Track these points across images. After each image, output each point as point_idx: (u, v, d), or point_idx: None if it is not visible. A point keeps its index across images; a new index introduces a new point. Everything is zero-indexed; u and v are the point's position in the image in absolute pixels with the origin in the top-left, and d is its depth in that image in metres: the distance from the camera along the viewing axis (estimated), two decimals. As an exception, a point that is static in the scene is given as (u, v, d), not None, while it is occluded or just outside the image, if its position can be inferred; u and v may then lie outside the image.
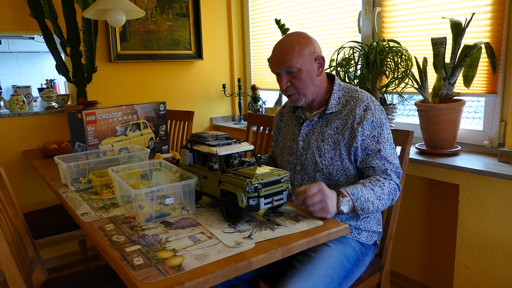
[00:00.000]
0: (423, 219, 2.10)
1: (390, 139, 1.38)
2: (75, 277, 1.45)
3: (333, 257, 1.30)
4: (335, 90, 1.41)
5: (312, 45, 1.37)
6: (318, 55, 1.38)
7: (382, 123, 1.36)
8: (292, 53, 1.34)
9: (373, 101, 1.38)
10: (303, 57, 1.34)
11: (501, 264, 1.64)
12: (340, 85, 1.44)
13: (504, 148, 1.65)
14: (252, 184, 1.06)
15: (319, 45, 1.41)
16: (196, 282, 0.85)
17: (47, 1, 2.24)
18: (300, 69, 1.35)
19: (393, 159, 1.35)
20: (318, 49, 1.39)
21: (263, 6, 2.99)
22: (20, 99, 2.47)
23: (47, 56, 4.84)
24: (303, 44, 1.35)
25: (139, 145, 1.84)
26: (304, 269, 1.25)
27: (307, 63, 1.35)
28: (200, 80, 3.11)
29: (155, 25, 2.80)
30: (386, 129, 1.36)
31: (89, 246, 2.58)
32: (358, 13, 2.25)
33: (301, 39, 1.36)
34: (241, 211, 1.09)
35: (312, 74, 1.37)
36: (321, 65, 1.39)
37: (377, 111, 1.36)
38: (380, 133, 1.34)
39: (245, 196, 1.06)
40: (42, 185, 2.53)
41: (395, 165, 1.35)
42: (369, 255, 1.44)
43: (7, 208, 1.46)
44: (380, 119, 1.36)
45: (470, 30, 1.76)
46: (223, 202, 1.14)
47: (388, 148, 1.35)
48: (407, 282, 2.20)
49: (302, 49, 1.34)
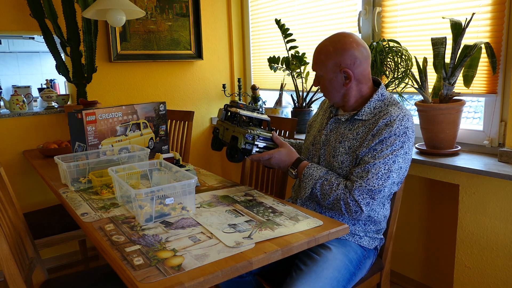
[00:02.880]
0: (423, 219, 2.10)
1: (390, 160, 1.25)
2: (75, 277, 1.45)
3: (338, 259, 1.30)
4: (374, 99, 1.35)
5: (340, 56, 1.33)
6: (344, 68, 1.33)
7: (393, 143, 1.26)
8: (318, 60, 1.38)
9: (401, 119, 1.27)
10: (327, 67, 1.36)
11: (501, 264, 1.64)
12: (383, 95, 1.37)
13: (504, 148, 1.65)
14: (250, 134, 1.41)
15: (355, 55, 1.32)
16: (196, 282, 0.85)
17: (47, 1, 2.24)
18: (323, 76, 1.38)
19: (376, 177, 1.24)
20: (348, 61, 1.32)
21: (263, 6, 2.99)
22: (20, 99, 2.47)
23: (47, 56, 4.84)
24: (330, 54, 1.34)
25: (139, 145, 1.84)
26: (310, 271, 1.24)
27: (329, 73, 1.36)
28: (200, 80, 3.11)
29: (155, 25, 2.80)
30: (391, 150, 1.26)
31: (89, 246, 2.58)
32: (358, 13, 2.25)
33: (331, 48, 1.34)
34: (239, 153, 1.42)
35: (335, 83, 1.37)
36: (348, 77, 1.34)
37: (398, 132, 1.26)
38: (382, 149, 1.26)
39: (244, 140, 1.40)
40: (42, 185, 2.53)
41: (373, 183, 1.24)
42: (370, 258, 1.44)
43: (7, 208, 1.46)
44: (393, 140, 1.26)
45: (470, 30, 1.76)
46: (229, 144, 1.47)
47: (378, 165, 1.25)
48: (407, 282, 2.20)
49: (328, 59, 1.35)
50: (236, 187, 1.50)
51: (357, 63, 1.33)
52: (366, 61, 1.36)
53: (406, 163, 1.30)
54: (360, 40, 1.37)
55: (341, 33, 1.38)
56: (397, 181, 1.30)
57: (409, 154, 1.30)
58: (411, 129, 1.30)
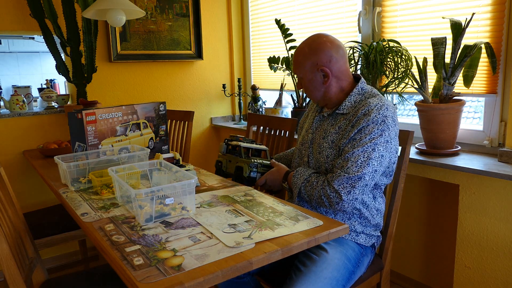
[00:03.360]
0: (423, 219, 2.10)
1: (369, 148, 1.27)
2: (75, 277, 1.45)
3: (337, 258, 1.30)
4: (354, 93, 1.39)
5: (316, 56, 1.38)
6: (321, 66, 1.37)
7: (371, 131, 1.28)
8: (296, 63, 1.44)
9: (379, 109, 1.29)
10: (305, 68, 1.41)
11: (501, 264, 1.64)
12: (363, 89, 1.40)
13: (504, 148, 1.65)
14: (254, 163, 1.55)
15: (330, 53, 1.37)
16: (196, 282, 0.85)
17: (47, 1, 2.24)
18: (303, 78, 1.44)
19: (356, 165, 1.26)
20: (324, 60, 1.37)
21: (263, 6, 2.99)
22: (20, 99, 2.47)
23: (47, 56, 4.84)
24: (306, 55, 1.40)
25: (139, 145, 1.84)
26: (309, 271, 1.25)
27: (308, 74, 1.41)
28: (200, 80, 3.11)
29: (155, 25, 2.80)
30: (370, 138, 1.27)
31: (89, 246, 2.58)
32: (358, 13, 2.25)
33: (306, 49, 1.40)
34: (244, 182, 1.55)
35: (314, 83, 1.42)
36: (326, 75, 1.38)
37: (375, 120, 1.28)
38: (361, 138, 1.28)
39: (248, 169, 1.53)
40: (42, 185, 2.53)
41: (353, 171, 1.26)
42: (368, 256, 1.44)
43: (7, 208, 1.46)
44: (371, 128, 1.28)
45: (470, 30, 1.76)
46: (234, 175, 1.58)
47: (357, 153, 1.27)
48: (407, 282, 2.20)
49: (305, 61, 1.40)
50: (236, 187, 1.50)
51: (333, 61, 1.38)
52: (342, 58, 1.40)
53: (388, 152, 1.31)
54: (335, 39, 1.41)
55: (316, 34, 1.43)
56: (379, 169, 1.30)
57: (391, 143, 1.32)
58: (390, 118, 1.31)
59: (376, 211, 1.42)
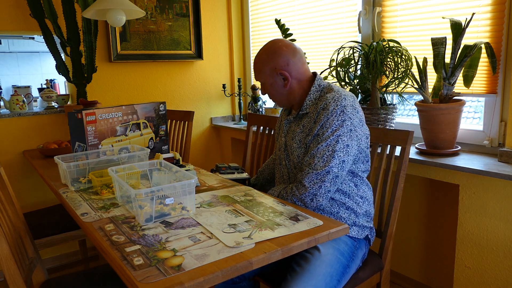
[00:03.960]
0: (423, 219, 2.10)
1: (332, 141, 1.31)
2: (75, 277, 1.45)
3: (329, 254, 1.31)
4: (312, 91, 1.44)
5: (274, 61, 1.43)
6: (280, 70, 1.43)
7: (332, 124, 1.31)
8: (256, 69, 1.49)
9: (336, 100, 1.33)
10: (265, 73, 1.46)
11: (501, 264, 1.64)
12: (320, 85, 1.44)
13: (504, 148, 1.65)
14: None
15: (287, 57, 1.42)
16: (196, 282, 0.85)
17: (47, 1, 2.24)
18: (264, 83, 1.49)
19: (322, 160, 1.31)
20: (281, 63, 1.42)
21: (263, 6, 2.99)
22: (20, 99, 2.47)
23: (47, 56, 4.84)
24: (265, 60, 1.45)
25: (139, 145, 1.84)
26: (304, 271, 1.26)
27: (269, 78, 1.46)
28: (200, 80, 3.11)
29: (155, 25, 2.80)
30: (332, 131, 1.31)
31: (89, 246, 2.58)
32: (358, 13, 2.25)
33: (264, 56, 1.45)
34: None
35: (276, 87, 1.47)
36: (286, 78, 1.43)
37: (334, 112, 1.31)
38: (324, 133, 1.32)
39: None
40: (42, 185, 2.53)
41: (320, 165, 1.31)
42: (362, 248, 1.44)
43: (7, 208, 1.46)
44: (331, 121, 1.31)
45: (470, 30, 1.76)
46: None
47: (321, 149, 1.31)
48: (407, 282, 2.20)
49: (264, 66, 1.45)
50: (236, 187, 1.50)
51: (291, 64, 1.43)
52: (300, 60, 1.45)
53: (354, 140, 1.34)
54: (290, 42, 1.46)
55: (272, 40, 1.48)
56: (348, 159, 1.33)
57: (356, 131, 1.34)
58: (350, 106, 1.34)
59: (361, 199, 1.43)
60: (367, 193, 1.46)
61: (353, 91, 2.13)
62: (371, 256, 1.53)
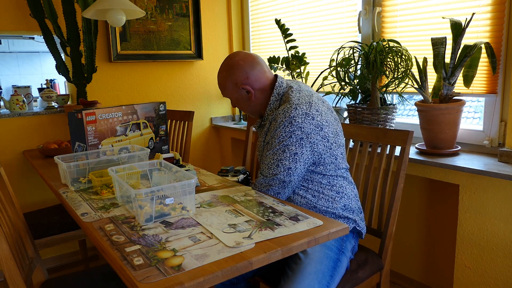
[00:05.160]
0: (423, 219, 2.10)
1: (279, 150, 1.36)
2: (75, 277, 1.45)
3: (317, 251, 1.32)
4: (272, 101, 1.46)
5: (233, 76, 1.45)
6: (241, 85, 1.45)
7: (279, 134, 1.35)
8: (220, 86, 1.51)
9: (285, 112, 1.35)
10: (228, 89, 1.49)
11: (501, 264, 1.64)
12: (279, 94, 1.46)
13: (504, 148, 1.65)
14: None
15: (245, 71, 1.43)
16: (196, 282, 0.85)
17: (47, 1, 2.24)
18: (230, 98, 1.53)
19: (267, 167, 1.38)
20: (241, 77, 1.44)
21: (263, 6, 2.99)
22: (20, 99, 2.47)
23: (47, 56, 4.84)
24: (225, 77, 1.47)
25: (139, 145, 1.84)
26: (295, 272, 1.28)
27: (234, 93, 1.49)
28: (200, 80, 3.11)
29: (155, 25, 2.80)
30: (279, 141, 1.35)
31: (89, 246, 2.58)
32: (358, 13, 2.25)
33: (224, 73, 1.47)
34: None
35: (242, 101, 1.50)
36: (249, 91, 1.45)
37: (282, 124, 1.34)
38: (272, 142, 1.38)
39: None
40: (42, 185, 2.53)
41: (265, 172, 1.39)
42: (350, 241, 1.43)
43: (7, 208, 1.46)
44: (280, 131, 1.35)
45: (470, 30, 1.76)
46: None
47: (268, 155, 1.38)
48: (407, 282, 2.20)
49: (226, 82, 1.48)
50: (236, 187, 1.50)
51: (250, 76, 1.45)
52: (260, 70, 1.46)
53: (305, 147, 1.35)
54: (247, 54, 1.47)
55: (229, 55, 1.49)
56: (297, 166, 1.35)
57: (308, 138, 1.35)
58: (299, 117, 1.34)
59: (338, 194, 1.42)
60: (345, 188, 1.44)
61: (353, 91, 2.13)
62: (371, 256, 1.53)
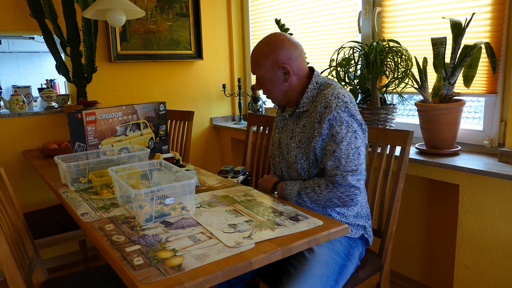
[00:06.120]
0: (423, 219, 2.10)
1: (351, 138, 1.30)
2: (75, 277, 1.45)
3: (324, 254, 1.31)
4: (310, 89, 1.40)
5: (275, 54, 1.37)
6: (282, 64, 1.37)
7: (343, 120, 1.30)
8: (256, 62, 1.42)
9: (336, 97, 1.31)
10: (265, 67, 1.39)
11: (501, 264, 1.64)
12: (318, 82, 1.41)
13: (504, 148, 1.65)
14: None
15: (289, 51, 1.37)
16: (196, 282, 0.85)
17: (47, 1, 2.24)
18: (263, 77, 1.42)
19: (349, 160, 1.29)
20: (284, 57, 1.37)
21: (263, 6, 2.99)
22: (20, 99, 2.47)
23: (47, 56, 4.84)
24: (266, 53, 1.39)
25: (139, 145, 1.84)
26: (299, 272, 1.25)
27: (269, 72, 1.40)
28: (200, 80, 3.11)
29: (155, 25, 2.80)
30: (346, 127, 1.30)
31: (89, 246, 2.58)
32: (358, 13, 2.25)
33: (266, 48, 1.39)
34: None
35: (275, 82, 1.41)
36: (287, 72, 1.39)
37: (338, 108, 1.30)
38: (338, 132, 1.29)
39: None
40: (42, 185, 2.53)
41: (351, 166, 1.29)
42: (358, 247, 1.43)
43: (7, 208, 1.46)
44: (340, 117, 1.30)
45: (470, 30, 1.76)
46: None
47: (344, 149, 1.29)
48: (407, 282, 2.20)
49: (264, 59, 1.39)
50: (236, 187, 1.50)
51: (292, 58, 1.38)
52: (301, 56, 1.41)
53: (364, 132, 1.36)
54: (292, 38, 1.41)
55: (273, 33, 1.43)
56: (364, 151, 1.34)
57: (361, 122, 1.35)
58: (350, 102, 1.33)
59: None
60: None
61: (353, 91, 2.12)
62: (371, 256, 1.52)
